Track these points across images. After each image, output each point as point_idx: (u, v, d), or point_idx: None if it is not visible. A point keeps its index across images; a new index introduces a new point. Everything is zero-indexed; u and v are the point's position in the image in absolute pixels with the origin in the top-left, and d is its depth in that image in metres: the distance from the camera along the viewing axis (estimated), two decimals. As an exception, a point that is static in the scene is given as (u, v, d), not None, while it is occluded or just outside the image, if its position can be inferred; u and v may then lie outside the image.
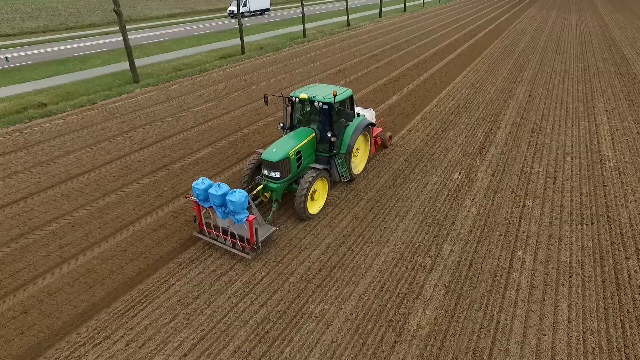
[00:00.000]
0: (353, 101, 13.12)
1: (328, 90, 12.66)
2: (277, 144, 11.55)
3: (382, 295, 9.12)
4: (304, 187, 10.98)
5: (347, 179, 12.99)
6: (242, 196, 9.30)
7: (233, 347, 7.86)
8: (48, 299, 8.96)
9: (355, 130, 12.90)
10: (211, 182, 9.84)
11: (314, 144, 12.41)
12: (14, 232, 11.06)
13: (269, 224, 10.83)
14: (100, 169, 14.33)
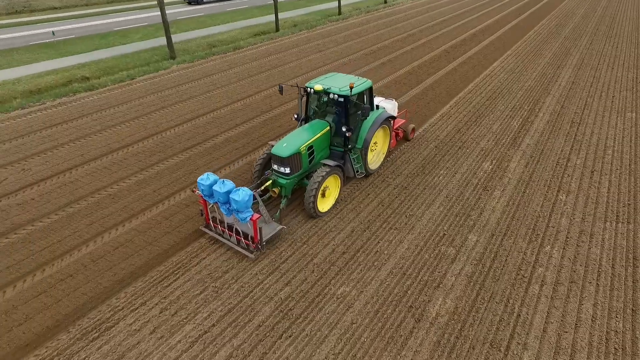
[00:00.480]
0: (372, 93, 12.44)
1: (346, 80, 12.03)
2: (288, 138, 11.16)
3: (403, 282, 9.30)
4: (313, 185, 10.57)
5: (362, 174, 12.45)
6: (246, 195, 9.05)
7: (258, 321, 8.31)
8: (91, 265, 9.70)
9: (373, 123, 12.25)
10: (216, 178, 9.64)
11: (329, 138, 11.89)
12: (62, 200, 11.89)
13: (276, 222, 10.52)
14: (138, 144, 14.99)
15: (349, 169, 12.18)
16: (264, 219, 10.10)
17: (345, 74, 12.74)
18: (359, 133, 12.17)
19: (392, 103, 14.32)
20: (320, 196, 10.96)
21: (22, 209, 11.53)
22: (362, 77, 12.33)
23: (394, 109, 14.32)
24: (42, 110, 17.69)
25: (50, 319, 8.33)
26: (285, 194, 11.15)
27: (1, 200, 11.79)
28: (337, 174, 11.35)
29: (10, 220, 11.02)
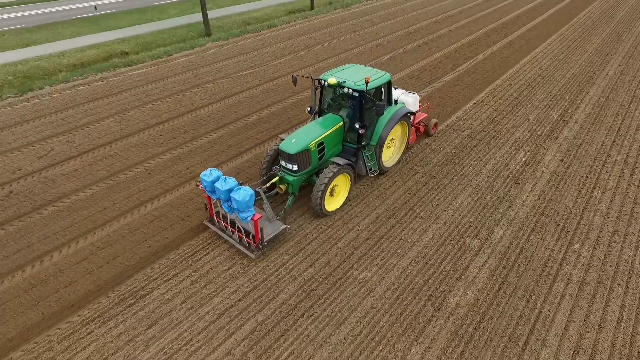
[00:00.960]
0: (390, 87, 11.70)
1: (362, 73, 11.24)
2: (298, 133, 10.68)
3: (425, 271, 9.41)
4: (321, 184, 10.13)
5: (375, 173, 11.74)
6: (247, 195, 8.81)
7: (281, 299, 8.69)
8: (128, 236, 10.33)
9: (390, 120, 11.59)
10: (219, 174, 9.40)
11: (342, 134, 11.27)
12: (102, 173, 12.58)
13: (280, 220, 10.13)
14: (173, 121, 15.50)
15: (361, 167, 11.58)
16: (267, 217, 9.87)
17: (363, 66, 12.03)
18: (374, 129, 11.57)
19: (412, 97, 13.55)
20: (329, 195, 10.58)
21: (67, 179, 12.30)
22: (380, 70, 11.64)
23: (415, 103, 13.61)
24: (85, 84, 18.48)
25: (92, 284, 9.02)
26: (292, 192, 10.73)
27: (48, 170, 12.60)
28: (347, 173, 10.81)
29: (57, 190, 11.80)
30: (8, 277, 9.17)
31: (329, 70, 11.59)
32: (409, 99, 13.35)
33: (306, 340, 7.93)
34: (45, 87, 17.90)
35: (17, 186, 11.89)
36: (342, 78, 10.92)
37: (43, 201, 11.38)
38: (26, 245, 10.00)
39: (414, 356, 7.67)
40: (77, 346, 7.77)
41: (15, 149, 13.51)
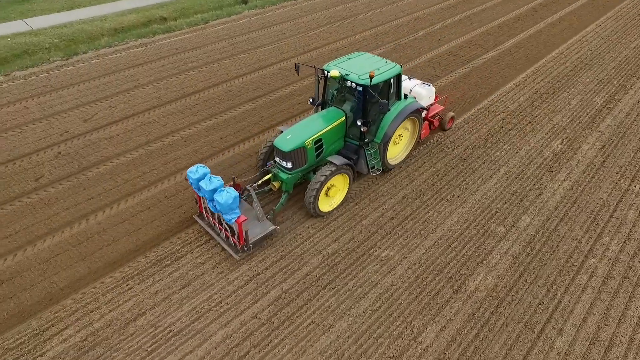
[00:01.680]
0: (400, 80, 10.80)
1: (370, 64, 10.42)
2: (294, 128, 10.11)
3: (447, 253, 9.59)
4: (314, 185, 9.60)
5: (378, 172, 11.06)
6: (230, 198, 8.44)
7: (305, 271, 9.14)
8: (165, 201, 10.96)
9: (397, 116, 10.74)
10: (206, 172, 9.07)
11: (344, 129, 10.60)
12: (141, 139, 13.20)
13: (270, 220, 9.69)
14: (208, 90, 15.85)
15: (363, 166, 10.93)
16: (256, 216, 9.58)
17: (373, 55, 11.11)
18: (380, 125, 10.77)
19: (427, 89, 12.57)
20: (324, 195, 10.12)
21: (109, 143, 13.01)
22: (390, 62, 10.71)
23: (430, 95, 12.67)
24: (125, 49, 19.02)
25: (132, 244, 9.75)
26: (287, 189, 10.26)
27: (92, 134, 13.34)
28: (345, 173, 10.22)
29: (100, 153, 12.54)
30: (58, 232, 10.04)
31: (334, 60, 10.86)
32: (422, 92, 12.44)
33: (327, 310, 8.39)
34: (89, 52, 18.56)
35: (65, 148, 12.71)
36: (347, 70, 10.17)
37: (88, 163, 12.15)
38: (74, 204, 10.82)
39: (429, 334, 8.00)
40: (119, 299, 8.55)
41: (63, 112, 14.30)
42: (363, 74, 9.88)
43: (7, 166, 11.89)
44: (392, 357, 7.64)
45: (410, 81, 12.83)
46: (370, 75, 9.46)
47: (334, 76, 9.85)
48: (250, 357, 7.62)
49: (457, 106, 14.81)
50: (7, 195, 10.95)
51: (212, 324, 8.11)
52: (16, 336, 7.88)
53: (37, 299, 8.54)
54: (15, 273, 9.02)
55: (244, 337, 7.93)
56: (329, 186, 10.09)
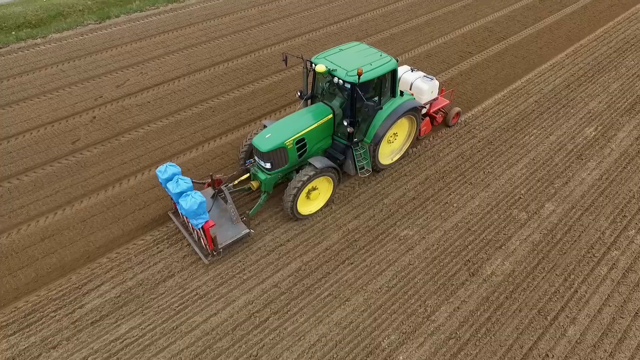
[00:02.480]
0: (396, 76, 9.95)
1: (362, 58, 9.55)
2: (275, 126, 9.48)
3: (466, 237, 9.69)
4: (292, 189, 9.09)
5: (368, 173, 10.24)
6: (195, 204, 7.99)
7: (325, 245, 9.46)
8: (193, 169, 11.36)
9: (390, 115, 9.92)
10: (175, 172, 8.68)
11: (332, 127, 9.92)
12: (171, 107, 13.52)
13: (244, 222, 9.22)
14: (237, 60, 15.89)
15: (350, 167, 10.25)
16: (230, 217, 9.14)
17: (368, 47, 10.16)
18: (371, 124, 10.02)
19: (430, 83, 11.53)
20: (305, 198, 9.60)
21: (140, 109, 13.39)
22: (386, 55, 9.82)
23: (433, 90, 11.67)
24: (156, 14, 19.08)
25: (162, 210, 10.24)
26: (266, 190, 9.69)
27: (125, 100, 13.73)
28: (329, 177, 9.61)
29: (132, 119, 12.95)
30: (94, 194, 10.62)
31: (325, 51, 10.01)
32: (424, 86, 11.46)
33: (344, 284, 8.74)
34: (121, 16, 18.73)
35: (99, 112, 13.17)
36: (335, 64, 9.33)
37: (121, 129, 12.60)
38: (108, 168, 11.35)
39: (442, 313, 8.27)
40: (150, 261, 9.11)
41: (97, 77, 14.70)
42: (351, 70, 9.03)
43: (47, 128, 12.47)
44: (405, 332, 7.98)
45: (413, 73, 11.93)
46: (358, 72, 8.61)
47: (320, 71, 9.17)
48: (270, 322, 8.10)
49: (480, 91, 14.42)
50: (47, 157, 11.56)
51: (235, 290, 8.60)
52: (58, 288, 8.58)
53: (76, 256, 9.21)
54: (56, 231, 9.69)
55: (265, 304, 8.39)
56: (309, 189, 9.49)
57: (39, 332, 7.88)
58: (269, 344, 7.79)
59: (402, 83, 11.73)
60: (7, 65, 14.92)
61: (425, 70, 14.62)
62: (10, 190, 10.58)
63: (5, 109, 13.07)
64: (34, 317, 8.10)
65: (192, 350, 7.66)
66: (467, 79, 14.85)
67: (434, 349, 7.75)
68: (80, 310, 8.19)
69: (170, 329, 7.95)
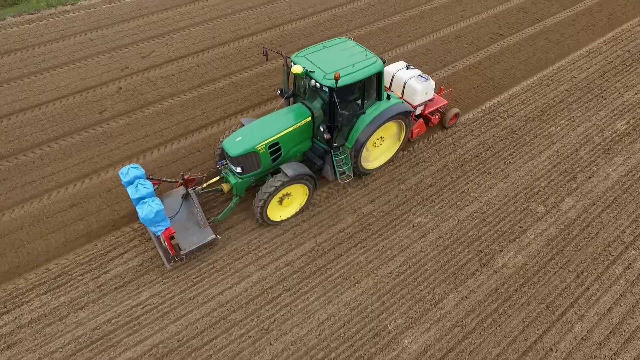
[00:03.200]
0: (381, 79, 9.19)
1: (346, 58, 8.82)
2: (248, 129, 8.98)
3: (480, 227, 9.70)
4: (261, 197, 8.72)
5: (349, 178, 9.70)
6: (151, 212, 7.75)
7: (339, 227, 9.64)
8: (214, 144, 11.54)
9: (374, 120, 9.31)
10: (138, 175, 8.42)
11: (310, 130, 9.33)
12: (195, 81, 13.65)
13: (211, 227, 8.92)
14: (261, 34, 15.75)
15: (328, 172, 9.74)
16: (197, 222, 8.88)
17: (355, 44, 9.33)
18: (354, 128, 9.43)
19: (424, 84, 10.74)
20: (277, 204, 9.22)
21: (165, 82, 13.57)
22: (372, 55, 9.03)
23: (427, 91, 10.90)
24: (182, -17, 18.93)
25: (183, 183, 10.57)
26: (237, 193, 9.27)
27: (150, 72, 13.92)
28: (303, 184, 9.17)
29: (157, 92, 13.17)
30: (119, 164, 11.01)
31: (308, 47, 9.30)
32: (417, 87, 10.69)
33: (356, 267, 8.96)
34: (147, -16, 18.67)
35: (125, 83, 13.43)
36: (315, 64, 8.63)
37: (145, 101, 12.86)
38: (132, 139, 11.69)
39: (450, 301, 8.43)
40: (171, 233, 9.52)
41: (123, 47, 14.88)
42: (330, 73, 8.35)
43: (75, 97, 12.84)
44: (412, 317, 8.20)
45: (408, 71, 11.13)
46: (335, 77, 7.95)
47: (296, 73, 8.43)
48: (282, 299, 8.45)
49: (508, 77, 13.94)
50: (75, 126, 11.97)
51: (250, 266, 8.95)
52: (85, 253, 9.11)
53: (102, 224, 9.69)
54: (84, 199, 10.17)
55: (278, 281, 8.73)
56: (282, 196, 9.11)
57: (67, 294, 8.45)
58: (280, 319, 8.15)
59: (395, 81, 11.16)
60: (38, 32, 15.24)
61: (449, 56, 14.29)
62: (42, 157, 11.08)
63: (37, 76, 13.48)
64: (63, 279, 8.67)
65: (208, 321, 8.11)
66: (496, 63, 14.36)
67: (438, 335, 7.97)
68: (105, 276, 8.71)
69: (188, 298, 8.40)
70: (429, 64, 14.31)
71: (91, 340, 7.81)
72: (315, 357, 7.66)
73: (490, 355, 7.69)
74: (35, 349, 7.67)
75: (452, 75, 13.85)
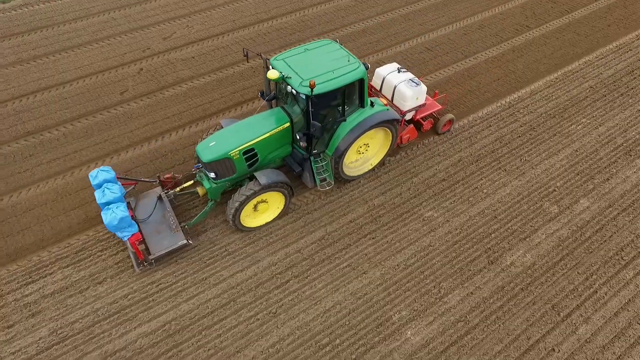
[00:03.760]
0: (363, 86, 8.77)
1: (327, 63, 8.43)
2: (223, 133, 8.81)
3: (491, 224, 9.70)
4: (233, 204, 8.56)
5: (329, 186, 9.45)
6: (115, 219, 7.71)
7: (350, 217, 9.78)
8: (231, 130, 11.75)
9: (354, 128, 8.98)
10: (107, 178, 8.33)
11: (289, 135, 9.07)
12: (214, 64, 13.75)
13: (183, 231, 8.81)
14: (282, 18, 15.65)
15: (307, 179, 9.50)
16: (169, 226, 8.80)
17: (339, 47, 8.88)
18: (334, 135, 9.11)
19: (414, 89, 10.28)
20: (252, 210, 9.07)
21: (185, 64, 13.73)
22: (355, 60, 8.62)
23: (418, 97, 10.47)
24: (205, -37, 18.83)
25: (199, 166, 10.82)
26: (212, 198, 9.08)
27: (170, 53, 14.07)
28: (278, 192, 8.97)
29: (177, 74, 13.35)
30: (138, 145, 11.31)
31: (289, 50, 8.92)
32: (407, 92, 10.26)
33: (364, 257, 9.13)
34: (171, -38, 18.64)
35: (146, 64, 13.64)
36: (293, 69, 8.30)
37: (165, 83, 13.06)
38: (152, 121, 11.96)
39: (455, 297, 8.55)
40: (186, 215, 9.80)
41: (145, 27, 15.03)
42: (307, 80, 8.01)
43: (98, 77, 13.13)
44: (416, 310, 8.36)
45: (399, 75, 10.65)
46: (310, 85, 7.59)
47: (272, 78, 8.01)
48: (291, 285, 8.70)
49: (531, 70, 13.59)
50: (98, 105, 12.29)
51: (261, 251, 9.21)
52: (105, 231, 9.47)
53: (120, 203, 10.05)
54: (104, 177, 10.53)
55: (287, 267, 8.97)
56: (257, 202, 8.95)
57: (87, 268, 8.88)
58: (288, 304, 8.42)
59: (385, 85, 10.84)
60: (63, 9, 15.49)
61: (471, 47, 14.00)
62: (65, 134, 11.46)
63: (61, 54, 13.79)
64: (84, 254, 9.10)
65: (218, 301, 8.44)
66: (519, 56, 14.01)
67: (442, 328, 8.13)
68: (123, 254, 9.09)
69: (200, 279, 8.73)
70: (450, 54, 14.07)
71: (109, 314, 8.24)
72: (320, 342, 7.93)
73: (491, 351, 7.82)
74: (57, 318, 8.14)
75: (472, 67, 13.60)
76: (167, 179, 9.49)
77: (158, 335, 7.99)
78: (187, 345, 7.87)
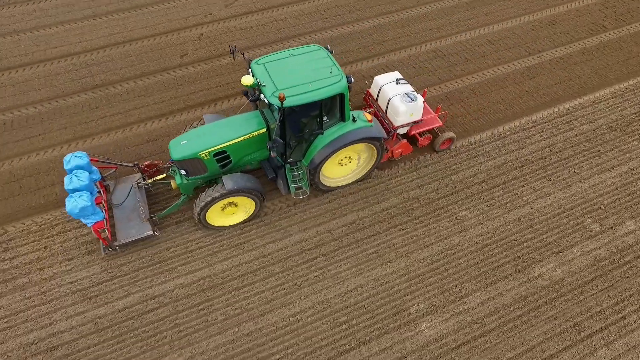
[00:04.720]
0: (344, 100, 8.35)
1: (309, 73, 8.01)
2: (196, 132, 8.74)
3: (525, 233, 9.59)
4: (199, 204, 8.61)
5: (305, 195, 9.27)
6: (75, 208, 7.81)
7: (383, 206, 10.00)
8: (279, 104, 12.07)
9: (331, 143, 8.66)
10: (79, 164, 8.37)
11: (266, 140, 8.89)
12: (271, 36, 13.93)
13: (152, 222, 9.06)
14: (299, 4, 15.03)
15: (280, 185, 9.37)
16: (139, 215, 9.04)
17: (326, 55, 8.41)
18: (311, 146, 8.90)
19: (409, 105, 9.68)
20: (220, 211, 9.06)
21: (243, 34, 14.01)
22: (338, 72, 8.14)
23: (413, 112, 9.82)
24: None
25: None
26: (185, 193, 9.18)
27: (231, 21, 14.33)
28: (246, 197, 8.86)
29: (235, 43, 13.69)
30: (192, 109, 11.92)
31: (272, 54, 8.51)
32: (400, 108, 9.66)
33: (391, 247, 9.39)
34: None
35: (206, 30, 14.08)
36: (270, 76, 7.96)
37: (223, 50, 13.48)
38: (207, 87, 12.50)
39: (476, 299, 8.69)
40: (229, 182, 10.40)
41: (210, -8, 15.39)
42: (280, 90, 7.70)
43: (161, 38, 13.76)
44: (435, 305, 8.61)
45: (397, 86, 10.03)
46: (280, 98, 7.22)
47: (246, 84, 7.77)
48: (317, 262, 9.17)
49: (599, 77, 12.71)
50: (158, 66, 12.97)
51: (294, 226, 9.68)
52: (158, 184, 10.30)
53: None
54: (159, 136, 11.25)
55: (317, 244, 9.41)
56: (224, 204, 8.94)
57: (137, 219, 9.73)
58: (312, 279, 8.92)
59: (381, 96, 10.25)
60: (136, -33, 16.11)
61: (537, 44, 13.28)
62: (128, 91, 12.27)
63: (130, 12, 14.50)
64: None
65: (249, 266, 9.08)
66: (589, 59, 13.17)
67: (457, 327, 8.35)
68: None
69: (235, 244, 9.38)
70: (513, 50, 13.45)
71: (152, 262, 9.10)
72: (338, 320, 8.41)
73: (502, 357, 7.98)
74: (108, 259, 9.10)
75: (535, 67, 12.97)
76: (147, 166, 9.68)
77: (193, 288, 8.78)
78: (217, 302, 8.61)
